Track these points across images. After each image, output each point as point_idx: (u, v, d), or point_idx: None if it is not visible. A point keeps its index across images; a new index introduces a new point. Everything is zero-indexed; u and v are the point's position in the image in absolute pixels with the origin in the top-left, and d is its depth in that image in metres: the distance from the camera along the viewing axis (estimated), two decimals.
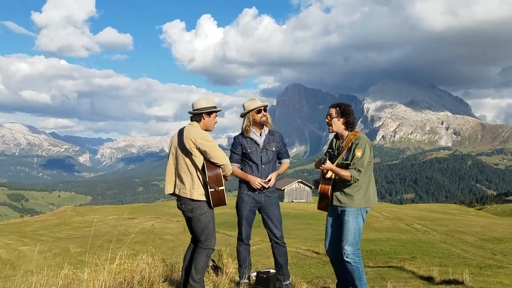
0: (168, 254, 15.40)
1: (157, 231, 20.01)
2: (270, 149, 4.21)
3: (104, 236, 21.59)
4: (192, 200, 3.78)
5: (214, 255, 4.94)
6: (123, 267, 4.12)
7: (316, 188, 4.10)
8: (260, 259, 12.22)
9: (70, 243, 16.22)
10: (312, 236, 14.76)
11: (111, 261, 4.08)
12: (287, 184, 61.55)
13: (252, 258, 13.55)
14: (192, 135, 3.77)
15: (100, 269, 3.95)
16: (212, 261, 4.75)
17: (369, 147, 3.90)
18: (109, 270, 3.93)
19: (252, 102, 4.24)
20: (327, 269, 8.32)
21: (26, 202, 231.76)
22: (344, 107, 4.00)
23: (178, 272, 4.61)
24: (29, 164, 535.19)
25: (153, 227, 21.43)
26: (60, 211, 40.46)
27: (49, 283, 3.78)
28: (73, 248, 14.91)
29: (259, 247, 14.41)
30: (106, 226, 23.84)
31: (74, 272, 4.08)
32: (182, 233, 22.72)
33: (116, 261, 4.11)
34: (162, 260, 4.89)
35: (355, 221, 3.90)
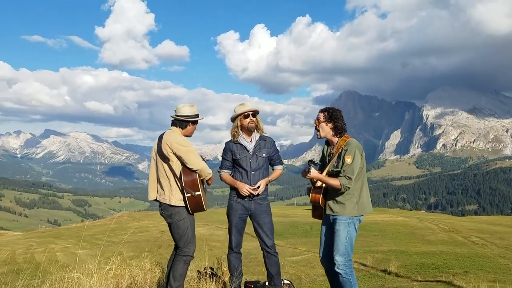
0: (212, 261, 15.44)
1: (205, 237, 20.24)
2: (260, 155, 4.08)
3: (155, 242, 22.26)
4: (171, 206, 3.75)
5: (214, 263, 4.86)
6: (113, 272, 4.15)
7: (309, 196, 3.95)
8: (305, 269, 11.97)
9: (124, 247, 16.80)
10: (360, 247, 14.22)
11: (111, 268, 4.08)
12: None
13: (296, 268, 13.22)
14: (168, 140, 3.73)
15: (91, 273, 3.99)
16: (211, 269, 4.65)
17: (359, 153, 3.73)
18: (99, 275, 3.95)
19: (240, 106, 4.12)
20: (373, 282, 7.96)
21: (89, 208, 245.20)
22: (333, 112, 3.85)
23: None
24: (93, 171, 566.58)
25: (201, 234, 21.74)
26: (117, 216, 42.34)
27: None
28: (126, 253, 15.38)
29: (305, 257, 14.13)
30: (156, 231, 24.59)
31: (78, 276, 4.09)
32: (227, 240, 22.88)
33: (107, 266, 4.15)
34: (161, 265, 4.90)
35: (346, 230, 3.73)
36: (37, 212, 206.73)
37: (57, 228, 49.59)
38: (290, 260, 14.00)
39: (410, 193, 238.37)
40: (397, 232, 20.28)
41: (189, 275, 4.64)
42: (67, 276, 4.09)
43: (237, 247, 4.19)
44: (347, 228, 3.72)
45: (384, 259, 11.01)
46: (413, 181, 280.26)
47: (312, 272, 10.90)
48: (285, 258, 14.65)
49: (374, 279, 8.30)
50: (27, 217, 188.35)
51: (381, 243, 16.01)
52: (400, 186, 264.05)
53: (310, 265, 12.41)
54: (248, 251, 17.63)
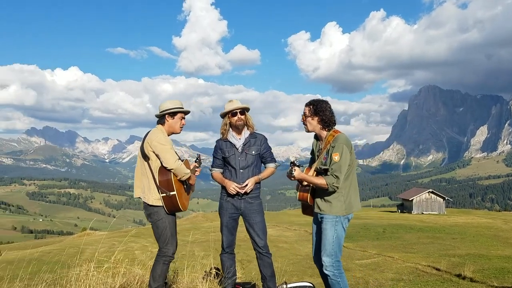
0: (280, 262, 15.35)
1: (274, 238, 20.33)
2: (249, 152, 3.94)
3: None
4: (149, 205, 3.67)
5: (218, 263, 4.76)
6: (111, 270, 4.20)
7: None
8: (373, 273, 11.48)
9: (196, 246, 17.39)
10: (436, 251, 13.39)
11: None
12: (417, 195, 57.07)
13: (364, 272, 12.76)
14: (150, 138, 3.66)
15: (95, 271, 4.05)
16: (216, 269, 4.53)
17: (348, 150, 3.48)
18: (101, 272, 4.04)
19: (229, 104, 4.02)
20: (445, 287, 7.44)
21: None
22: (317, 104, 3.63)
23: (185, 276, 4.58)
24: None
25: (269, 235, 21.86)
26: (192, 216, 44.09)
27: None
28: (198, 252, 15.94)
29: (374, 261, 13.57)
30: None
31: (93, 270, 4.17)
32: (297, 242, 22.76)
33: (105, 265, 4.22)
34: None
35: (334, 229, 3.54)
36: (124, 213, 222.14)
37: (138, 228, 52.85)
38: (358, 263, 13.55)
39: (499, 193, 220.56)
40: (478, 235, 18.88)
41: (195, 275, 4.64)
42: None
43: (229, 247, 4.07)
44: (334, 227, 3.53)
45: (460, 263, 10.28)
46: (502, 180, 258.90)
47: (381, 276, 10.45)
48: (353, 261, 14.20)
49: (447, 284, 7.78)
50: (115, 217, 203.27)
51: (460, 246, 14.98)
52: (488, 185, 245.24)
53: (379, 269, 11.90)
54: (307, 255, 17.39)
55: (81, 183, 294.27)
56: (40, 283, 4.06)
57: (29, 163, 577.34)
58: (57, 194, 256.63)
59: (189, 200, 3.94)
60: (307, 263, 15.48)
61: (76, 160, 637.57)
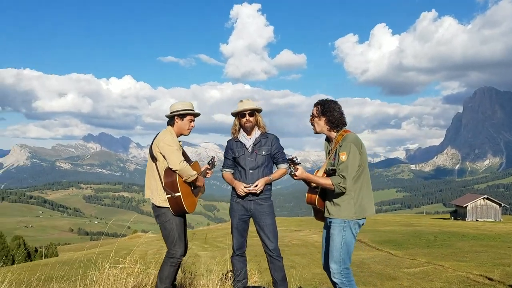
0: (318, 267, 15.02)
1: (319, 244, 19.99)
2: (260, 153, 3.84)
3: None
4: (157, 207, 3.65)
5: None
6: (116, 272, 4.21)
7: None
8: (421, 282, 10.99)
9: None
10: (490, 260, 12.60)
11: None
12: (471, 201, 54.18)
13: (412, 281, 12.31)
14: (157, 139, 3.65)
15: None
16: (232, 272, 4.45)
17: (357, 149, 3.28)
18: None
19: (240, 104, 3.93)
20: None
21: (217, 212, 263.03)
22: (325, 104, 3.46)
23: (201, 279, 4.55)
24: (220, 178, 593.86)
25: (314, 241, 21.54)
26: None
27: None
28: None
29: (423, 269, 12.99)
30: None
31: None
32: None
33: (120, 265, 4.23)
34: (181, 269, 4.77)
35: (341, 235, 3.33)
36: None
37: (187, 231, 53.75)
38: (406, 272, 13.04)
39: None
40: None
41: (210, 278, 4.60)
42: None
43: (240, 250, 3.96)
44: (342, 232, 3.32)
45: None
46: None
47: (429, 285, 10.01)
48: (401, 269, 13.67)
49: None
50: None
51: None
52: None
53: (428, 277, 11.38)
54: (362, 261, 16.89)
55: (134, 187, 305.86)
56: (63, 281, 4.22)
57: (86, 168, 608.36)
58: (112, 198, 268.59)
59: (197, 201, 3.89)
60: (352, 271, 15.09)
61: (130, 165, 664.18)
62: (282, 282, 3.89)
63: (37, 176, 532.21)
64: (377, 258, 17.60)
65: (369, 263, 16.31)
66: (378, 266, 15.17)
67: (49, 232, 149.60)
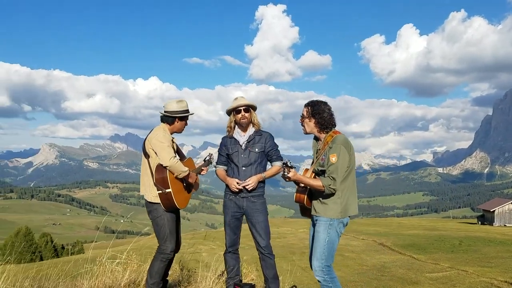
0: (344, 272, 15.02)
1: (340, 247, 19.89)
2: (253, 150, 3.82)
3: (290, 248, 22.76)
4: (149, 203, 3.69)
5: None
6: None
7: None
8: (443, 287, 10.87)
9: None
10: None
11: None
12: (499, 206, 52.60)
13: (434, 286, 12.22)
14: (150, 136, 3.69)
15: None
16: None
17: (346, 151, 3.33)
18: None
19: (234, 101, 3.92)
20: None
21: None
22: (315, 106, 3.48)
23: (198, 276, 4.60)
24: None
25: None
26: None
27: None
28: None
29: (446, 274, 12.81)
30: (295, 239, 25.04)
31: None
32: (364, 252, 22.03)
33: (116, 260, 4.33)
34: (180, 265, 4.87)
35: (326, 232, 3.36)
36: (197, 216, 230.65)
37: (208, 231, 54.42)
38: (429, 276, 12.89)
39: None
40: None
41: (206, 274, 4.64)
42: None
43: (232, 247, 3.95)
44: (326, 230, 3.35)
45: None
46: None
47: None
48: (423, 274, 13.52)
49: None
50: (189, 220, 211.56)
51: None
52: None
53: (450, 283, 11.22)
54: (383, 264, 16.73)
55: None
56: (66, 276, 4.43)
57: (113, 167, 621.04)
58: (137, 197, 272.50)
59: (190, 198, 3.92)
60: (373, 274, 14.98)
61: None
62: (274, 280, 3.89)
63: (65, 174, 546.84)
64: (399, 262, 17.41)
65: (390, 267, 16.17)
66: (400, 270, 15.03)
67: (76, 230, 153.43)
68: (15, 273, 4.05)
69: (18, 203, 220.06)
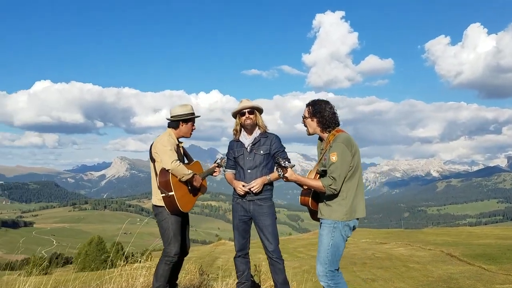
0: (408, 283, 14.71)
1: (405, 258, 19.32)
2: (258, 152, 3.79)
3: (351, 259, 22.30)
4: (155, 206, 3.73)
5: (253, 270, 4.62)
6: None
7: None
8: None
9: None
10: None
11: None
12: None
13: None
14: (155, 141, 3.75)
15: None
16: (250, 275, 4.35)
17: (348, 150, 3.17)
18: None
19: (239, 104, 3.92)
20: None
21: (302, 222, 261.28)
22: (315, 105, 3.39)
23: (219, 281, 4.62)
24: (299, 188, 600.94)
25: (400, 254, 20.81)
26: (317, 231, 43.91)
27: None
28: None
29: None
30: (356, 249, 24.50)
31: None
32: (430, 263, 21.06)
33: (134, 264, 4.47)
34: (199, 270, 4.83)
35: (330, 236, 3.23)
36: None
37: None
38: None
39: None
40: None
41: (228, 280, 4.61)
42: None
43: (242, 251, 3.89)
44: (331, 233, 3.22)
45: None
46: None
47: None
48: (493, 285, 12.80)
49: None
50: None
51: None
52: None
53: None
54: (450, 275, 15.99)
55: (221, 196, 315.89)
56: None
57: None
58: (201, 206, 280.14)
59: (195, 201, 3.91)
60: (438, 286, 14.39)
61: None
62: (283, 285, 3.78)
63: (135, 186, 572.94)
64: (468, 273, 16.49)
65: (458, 278, 15.40)
66: (467, 282, 14.29)
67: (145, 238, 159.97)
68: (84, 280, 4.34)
69: (92, 214, 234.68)
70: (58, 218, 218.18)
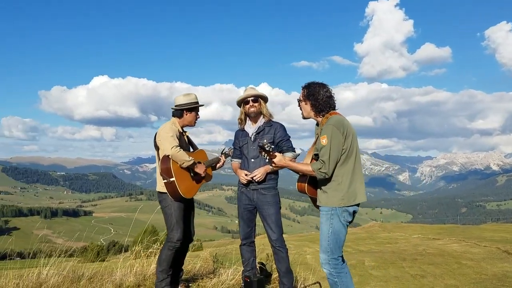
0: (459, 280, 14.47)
1: (458, 254, 18.74)
2: (261, 141, 3.59)
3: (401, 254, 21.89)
4: (159, 192, 3.81)
5: (265, 259, 4.68)
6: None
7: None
8: None
9: (367, 256, 17.40)
10: None
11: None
12: None
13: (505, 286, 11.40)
14: (159, 129, 3.81)
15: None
16: (262, 264, 4.48)
17: (339, 132, 3.04)
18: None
19: (244, 92, 3.92)
20: None
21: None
22: (309, 88, 3.27)
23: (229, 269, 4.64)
24: None
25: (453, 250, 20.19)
26: (368, 226, 43.00)
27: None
28: (368, 262, 16.04)
29: None
30: (408, 244, 24.01)
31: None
32: (485, 260, 20.18)
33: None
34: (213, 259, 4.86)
35: (329, 223, 3.16)
36: (307, 219, 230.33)
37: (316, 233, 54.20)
38: None
39: None
40: None
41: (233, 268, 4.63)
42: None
43: (247, 239, 3.90)
44: (329, 220, 3.15)
45: None
46: None
47: None
48: None
49: None
50: (299, 223, 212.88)
51: None
52: None
53: None
54: (505, 273, 15.38)
55: None
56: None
57: (227, 171, 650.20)
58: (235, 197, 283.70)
59: (198, 188, 3.94)
60: (492, 284, 13.89)
61: None
62: (286, 274, 3.79)
63: None
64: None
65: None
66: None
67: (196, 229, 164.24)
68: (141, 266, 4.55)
69: (147, 204, 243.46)
70: (115, 208, 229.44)
